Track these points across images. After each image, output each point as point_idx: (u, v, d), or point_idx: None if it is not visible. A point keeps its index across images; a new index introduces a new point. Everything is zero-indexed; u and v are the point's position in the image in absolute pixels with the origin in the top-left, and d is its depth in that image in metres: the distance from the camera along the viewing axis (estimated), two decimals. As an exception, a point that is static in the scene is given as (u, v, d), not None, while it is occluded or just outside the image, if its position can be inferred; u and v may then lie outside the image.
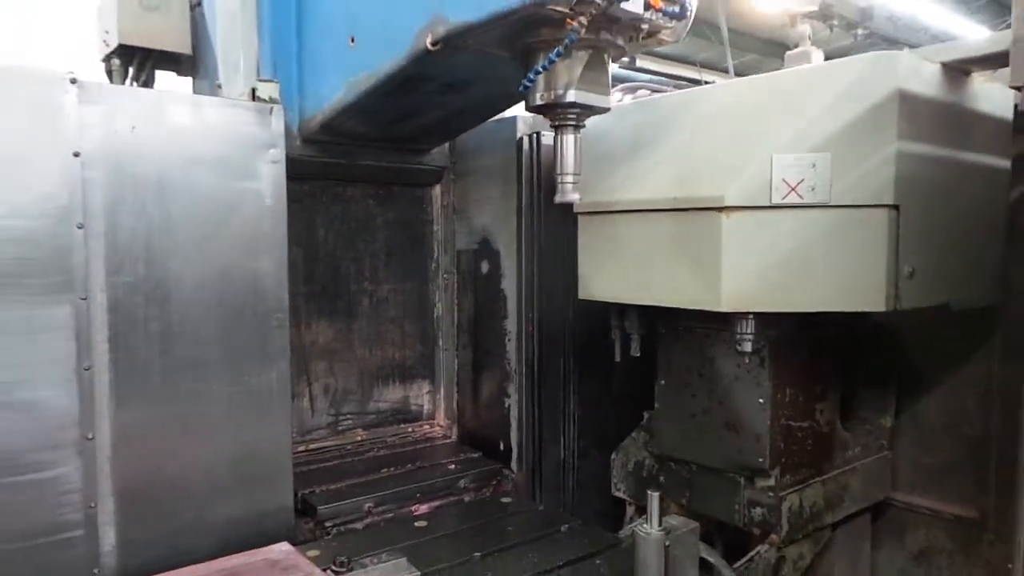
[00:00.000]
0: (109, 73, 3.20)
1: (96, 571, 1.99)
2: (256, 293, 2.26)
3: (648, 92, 3.43)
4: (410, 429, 3.25)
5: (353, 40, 2.31)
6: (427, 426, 3.31)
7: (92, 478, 1.99)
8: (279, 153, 2.28)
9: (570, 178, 2.01)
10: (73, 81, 1.92)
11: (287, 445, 2.39)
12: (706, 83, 6.69)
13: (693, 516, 2.39)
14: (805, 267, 1.99)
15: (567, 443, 3.03)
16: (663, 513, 2.00)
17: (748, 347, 2.12)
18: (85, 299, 1.96)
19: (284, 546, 1.98)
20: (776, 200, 1.95)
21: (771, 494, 2.33)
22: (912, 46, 2.33)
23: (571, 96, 1.89)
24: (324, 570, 1.96)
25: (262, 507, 2.28)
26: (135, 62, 3.10)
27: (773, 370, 2.30)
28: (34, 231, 1.87)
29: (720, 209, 1.98)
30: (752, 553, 2.31)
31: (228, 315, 2.21)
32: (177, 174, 2.11)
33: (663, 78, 9.04)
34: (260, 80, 2.33)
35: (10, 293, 1.84)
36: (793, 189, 1.94)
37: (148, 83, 3.15)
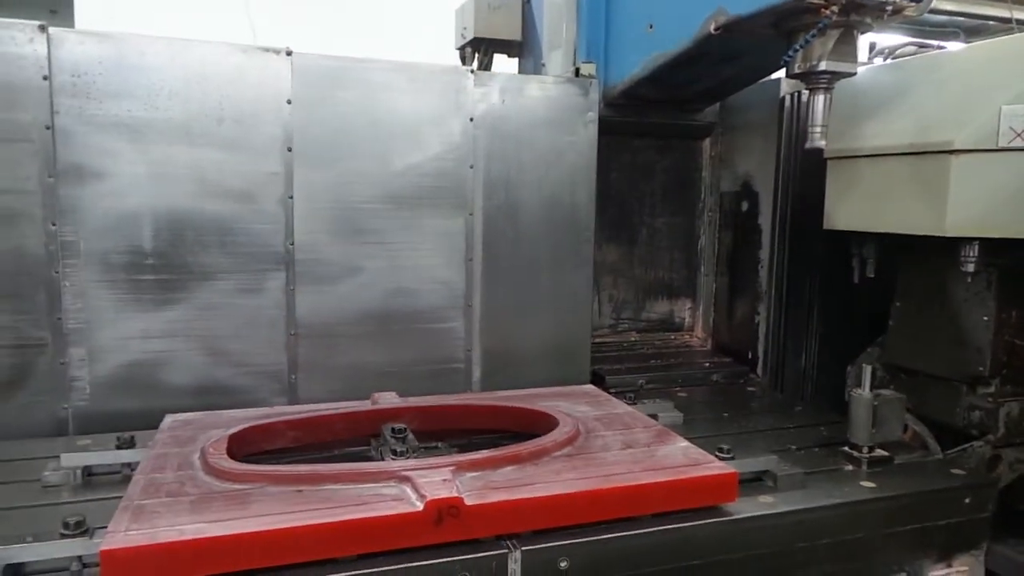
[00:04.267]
0: (462, 58, 4.32)
1: (469, 389, 3.08)
2: (573, 216, 3.15)
3: (915, 48, 3.69)
4: (673, 337, 4.02)
5: (651, 27, 3.07)
6: (687, 336, 4.04)
7: (470, 332, 3.04)
8: (594, 115, 3.12)
9: (819, 129, 2.58)
10: (471, 72, 2.93)
11: (588, 330, 3.29)
12: (1017, 20, 6.36)
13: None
14: (1025, 200, 2.36)
15: (808, 356, 3.55)
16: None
17: (971, 268, 2.52)
18: (471, 215, 2.98)
19: (590, 386, 2.88)
20: (1002, 144, 2.34)
21: (990, 400, 2.72)
22: None
23: (823, 65, 2.44)
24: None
25: (570, 372, 3.18)
26: (481, 49, 4.18)
27: (999, 293, 2.65)
28: (448, 169, 2.92)
29: (950, 152, 2.42)
30: (966, 445, 2.72)
31: (554, 230, 3.13)
32: (527, 131, 3.04)
33: (961, 18, 8.40)
34: (583, 62, 3.18)
35: (433, 209, 2.92)
36: (1019, 135, 2.31)
37: (489, 64, 4.22)
